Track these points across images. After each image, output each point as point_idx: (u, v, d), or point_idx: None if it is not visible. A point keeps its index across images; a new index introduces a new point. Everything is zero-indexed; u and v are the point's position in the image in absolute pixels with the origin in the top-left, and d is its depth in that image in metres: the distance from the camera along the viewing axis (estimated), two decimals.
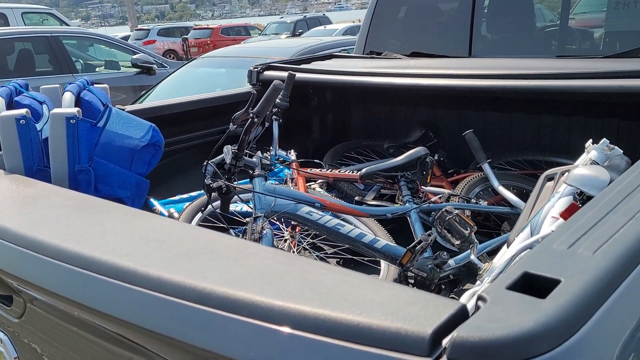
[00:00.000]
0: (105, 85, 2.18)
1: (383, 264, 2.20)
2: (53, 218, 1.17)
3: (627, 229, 0.90)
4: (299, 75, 2.97)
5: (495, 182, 2.31)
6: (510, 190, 2.35)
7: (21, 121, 1.58)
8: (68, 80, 2.08)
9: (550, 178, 1.94)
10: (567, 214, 1.47)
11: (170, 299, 0.85)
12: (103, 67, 8.39)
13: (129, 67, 8.09)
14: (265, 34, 22.68)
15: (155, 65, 8.00)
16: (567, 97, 2.65)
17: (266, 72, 3.26)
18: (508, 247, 1.88)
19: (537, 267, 0.80)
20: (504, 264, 1.46)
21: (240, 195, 2.06)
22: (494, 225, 2.37)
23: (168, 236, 1.05)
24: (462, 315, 0.72)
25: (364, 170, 2.21)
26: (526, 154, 2.81)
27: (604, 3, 3.21)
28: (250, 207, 2.02)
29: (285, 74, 3.24)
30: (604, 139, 1.86)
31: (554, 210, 1.72)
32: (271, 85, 1.94)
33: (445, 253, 1.88)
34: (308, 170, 2.69)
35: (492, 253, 2.06)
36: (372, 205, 2.38)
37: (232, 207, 2.34)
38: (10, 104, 1.83)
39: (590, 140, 1.96)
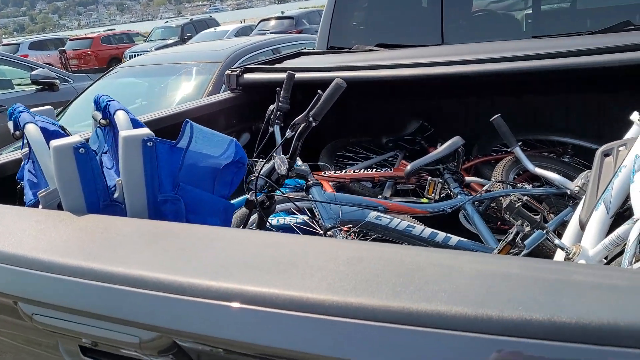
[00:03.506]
0: (50, 107, 1.89)
1: None
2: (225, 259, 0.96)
3: None
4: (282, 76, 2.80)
5: (530, 165, 2.31)
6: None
7: (80, 150, 1.30)
8: None
9: (606, 154, 1.96)
10: None
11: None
12: None
13: (26, 84, 7.32)
14: (151, 40, 21.68)
15: (57, 80, 7.32)
16: (551, 76, 2.72)
17: (246, 75, 3.05)
18: (582, 227, 1.88)
19: None
20: (633, 247, 1.43)
21: (295, 207, 1.87)
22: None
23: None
24: None
25: (409, 167, 2.11)
26: (524, 135, 2.86)
27: None
28: (312, 220, 1.85)
29: (266, 75, 3.05)
30: None
31: (638, 185, 1.73)
32: (333, 84, 1.77)
33: (521, 241, 1.83)
34: (322, 173, 2.54)
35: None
36: (417, 202, 2.29)
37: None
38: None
39: (637, 113, 2.01)
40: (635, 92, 2.84)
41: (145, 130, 1.33)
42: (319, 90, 1.84)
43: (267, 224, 1.97)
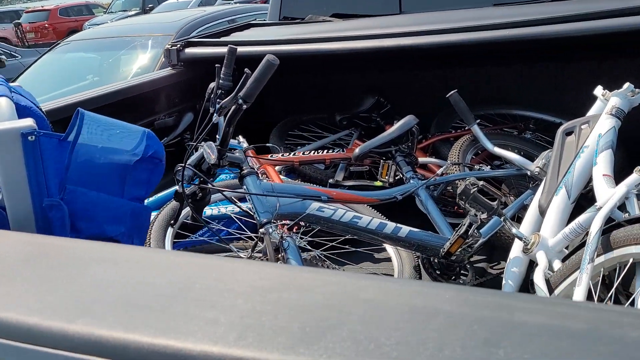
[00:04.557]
0: (19, 84, 1.67)
1: (391, 251, 1.96)
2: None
3: None
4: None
5: (488, 144, 2.15)
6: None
7: None
8: None
9: (568, 132, 1.81)
10: None
11: None
12: None
13: None
14: (112, 12, 20.85)
15: (3, 56, 6.92)
16: (518, 46, 2.56)
17: (187, 50, 2.81)
18: (541, 213, 1.74)
19: None
20: (595, 239, 1.28)
21: (231, 198, 1.68)
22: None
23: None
24: None
25: (358, 150, 1.93)
26: (483, 109, 2.71)
27: None
28: (246, 210, 1.66)
29: (210, 50, 2.82)
30: (628, 83, 1.76)
31: (600, 169, 1.59)
32: (263, 62, 1.57)
33: (477, 231, 1.68)
34: (268, 156, 2.34)
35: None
36: (356, 187, 2.13)
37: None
38: None
39: (600, 87, 1.86)
40: (602, 62, 2.71)
41: (26, 122, 1.12)
42: (246, 69, 1.63)
43: (201, 216, 1.78)
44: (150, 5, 19.49)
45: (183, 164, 1.61)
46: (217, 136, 2.26)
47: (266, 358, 0.59)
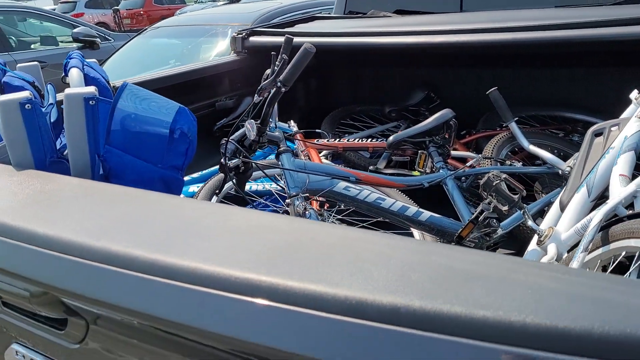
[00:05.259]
0: (36, 63, 1.90)
1: (418, 236, 2.06)
2: (110, 220, 0.96)
3: None
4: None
5: (524, 142, 2.20)
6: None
7: (26, 106, 1.31)
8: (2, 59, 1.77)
9: (598, 134, 1.84)
10: None
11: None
12: (39, 43, 7.73)
13: (69, 42, 7.50)
14: (202, 2, 21.77)
15: (98, 39, 7.46)
16: (573, 48, 2.56)
17: (252, 38, 3.01)
18: (562, 209, 1.79)
19: None
20: (593, 230, 1.35)
21: (266, 173, 1.86)
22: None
23: (272, 234, 0.87)
24: None
25: (392, 138, 2.05)
26: (532, 109, 2.73)
27: None
28: (279, 185, 1.83)
29: (272, 39, 3.00)
30: None
31: (619, 168, 1.63)
32: (301, 50, 1.73)
33: (494, 220, 1.76)
34: (315, 141, 2.50)
35: (535, 216, 1.96)
36: (400, 175, 2.24)
37: (247, 187, 2.14)
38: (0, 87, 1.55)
39: (636, 91, 1.88)
40: None
41: (90, 89, 1.34)
42: (284, 54, 1.79)
43: (244, 189, 1.97)
44: None
45: (226, 139, 1.80)
46: (270, 117, 2.46)
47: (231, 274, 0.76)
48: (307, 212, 1.66)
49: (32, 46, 7.56)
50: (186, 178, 2.33)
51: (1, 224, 1.00)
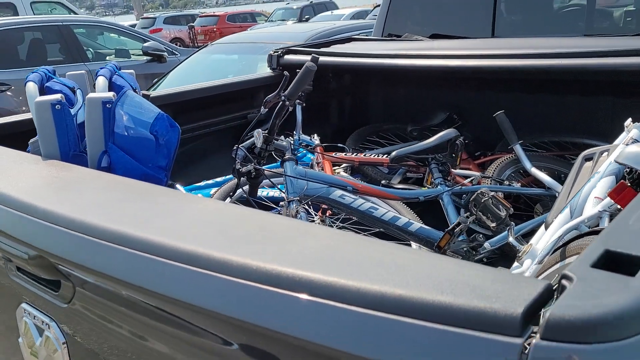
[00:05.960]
0: (132, 71, 2.16)
1: (414, 246, 2.17)
2: (102, 202, 1.15)
3: None
4: (321, 58, 2.93)
5: (527, 164, 2.28)
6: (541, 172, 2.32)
7: (56, 106, 1.56)
8: (80, 70, 2.07)
9: (588, 158, 1.90)
10: (615, 193, 1.44)
11: (236, 281, 0.83)
12: (113, 55, 8.36)
13: (139, 55, 8.05)
14: (272, 20, 22.55)
15: (165, 53, 7.97)
16: (599, 76, 2.59)
17: (286, 56, 3.23)
18: (546, 228, 1.86)
19: (618, 245, 0.77)
20: (550, 244, 1.43)
21: (271, 180, 2.04)
22: (525, 207, 2.34)
23: (222, 218, 1.04)
24: (548, 295, 0.69)
25: (394, 153, 2.18)
26: (553, 135, 2.78)
27: None
28: (282, 191, 2.00)
29: (306, 57, 3.20)
30: None
31: (596, 191, 1.69)
32: (303, 68, 1.91)
33: (480, 235, 1.86)
34: (333, 154, 2.66)
35: (528, 235, 2.03)
36: (401, 188, 2.36)
37: (260, 192, 2.33)
38: (42, 90, 1.81)
39: (630, 119, 1.93)
40: None
41: (109, 94, 1.57)
42: (285, 72, 1.97)
43: (256, 194, 2.15)
44: (307, 16, 20.80)
45: (237, 145, 1.99)
46: (295, 129, 2.64)
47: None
48: (298, 215, 1.82)
49: (107, 58, 8.17)
50: (210, 182, 2.54)
51: (14, 199, 1.22)
